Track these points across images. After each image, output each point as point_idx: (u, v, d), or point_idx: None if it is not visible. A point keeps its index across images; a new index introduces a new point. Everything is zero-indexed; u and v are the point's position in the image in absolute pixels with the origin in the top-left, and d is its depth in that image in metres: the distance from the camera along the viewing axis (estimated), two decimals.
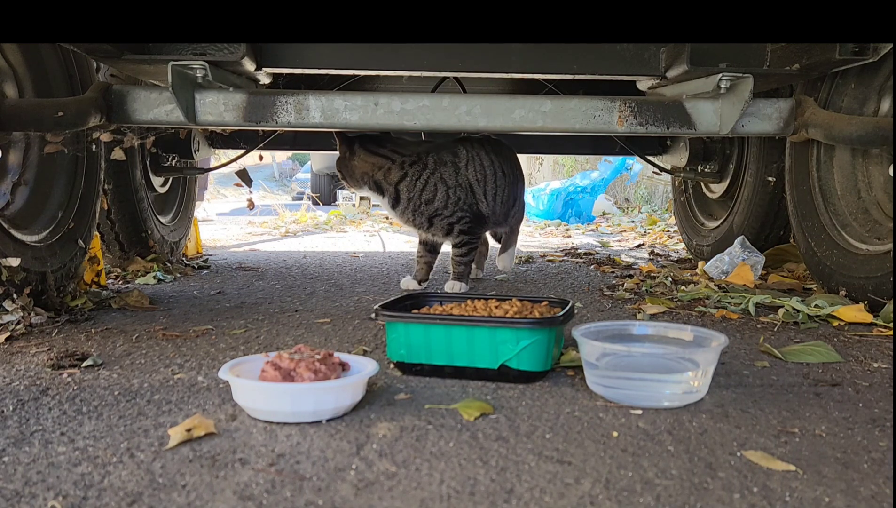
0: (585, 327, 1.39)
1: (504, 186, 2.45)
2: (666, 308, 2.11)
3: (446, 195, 2.31)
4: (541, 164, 10.60)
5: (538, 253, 3.85)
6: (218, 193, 11.86)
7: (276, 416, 1.13)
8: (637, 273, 2.90)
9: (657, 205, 7.41)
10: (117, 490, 0.89)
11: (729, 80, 2.03)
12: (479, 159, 2.37)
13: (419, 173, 2.31)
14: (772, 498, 0.88)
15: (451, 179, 2.31)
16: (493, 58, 2.18)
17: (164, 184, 3.25)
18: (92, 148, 2.28)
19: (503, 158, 2.48)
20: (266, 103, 2.07)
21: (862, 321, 1.90)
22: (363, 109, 2.08)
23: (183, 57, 1.91)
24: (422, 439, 1.07)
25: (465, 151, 2.37)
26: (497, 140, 2.56)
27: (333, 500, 0.87)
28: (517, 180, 2.57)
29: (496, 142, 2.53)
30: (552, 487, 0.91)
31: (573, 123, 2.10)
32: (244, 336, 1.77)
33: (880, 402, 1.26)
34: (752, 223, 2.93)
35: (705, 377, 1.26)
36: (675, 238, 4.61)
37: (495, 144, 2.50)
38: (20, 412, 1.19)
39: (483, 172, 2.37)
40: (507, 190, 2.47)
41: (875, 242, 2.08)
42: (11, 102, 1.90)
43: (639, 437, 1.08)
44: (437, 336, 1.37)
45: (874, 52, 1.90)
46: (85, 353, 1.55)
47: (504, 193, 2.46)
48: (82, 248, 2.20)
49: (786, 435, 1.09)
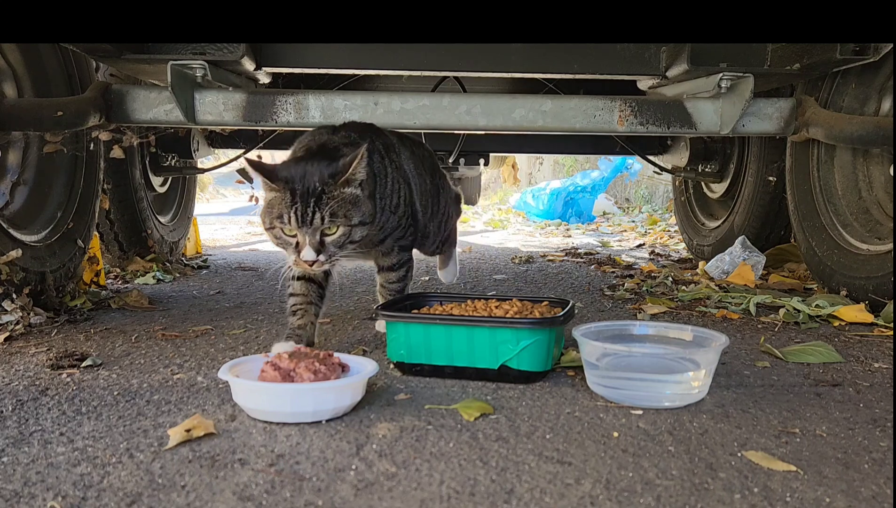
0: (586, 327, 1.39)
1: (429, 184, 1.86)
2: (666, 308, 2.11)
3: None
4: (541, 163, 10.60)
5: (538, 253, 3.85)
6: (217, 192, 11.85)
7: (275, 416, 1.13)
8: (637, 273, 2.90)
9: (658, 205, 7.40)
10: (117, 491, 0.89)
11: (729, 79, 2.03)
12: (401, 149, 1.77)
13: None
14: (772, 499, 0.87)
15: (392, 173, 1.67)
16: (494, 57, 2.17)
17: (163, 184, 3.25)
18: (91, 148, 2.28)
19: (414, 145, 1.88)
20: (266, 103, 2.06)
21: (863, 321, 1.89)
22: (363, 108, 2.07)
23: (182, 57, 1.91)
24: (422, 439, 1.07)
25: (390, 139, 1.75)
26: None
27: (333, 500, 0.87)
28: (435, 172, 1.94)
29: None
30: (552, 487, 0.91)
31: (573, 123, 2.10)
32: (244, 336, 1.77)
33: (881, 402, 1.26)
34: (753, 223, 2.93)
35: (706, 377, 1.26)
36: (675, 238, 4.61)
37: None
38: (19, 412, 1.18)
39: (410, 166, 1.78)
40: (431, 187, 1.88)
41: (876, 242, 2.08)
42: (11, 101, 1.90)
43: (639, 437, 1.08)
44: (438, 336, 1.37)
45: (875, 52, 1.90)
46: (84, 353, 1.55)
47: (431, 195, 1.87)
48: (81, 248, 2.20)
49: (786, 436, 1.09)
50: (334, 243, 1.42)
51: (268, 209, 1.43)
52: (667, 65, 2.16)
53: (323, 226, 1.38)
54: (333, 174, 1.40)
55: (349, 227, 1.42)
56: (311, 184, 1.38)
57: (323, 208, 1.38)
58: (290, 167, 1.44)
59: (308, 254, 1.38)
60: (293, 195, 1.38)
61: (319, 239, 1.39)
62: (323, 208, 1.38)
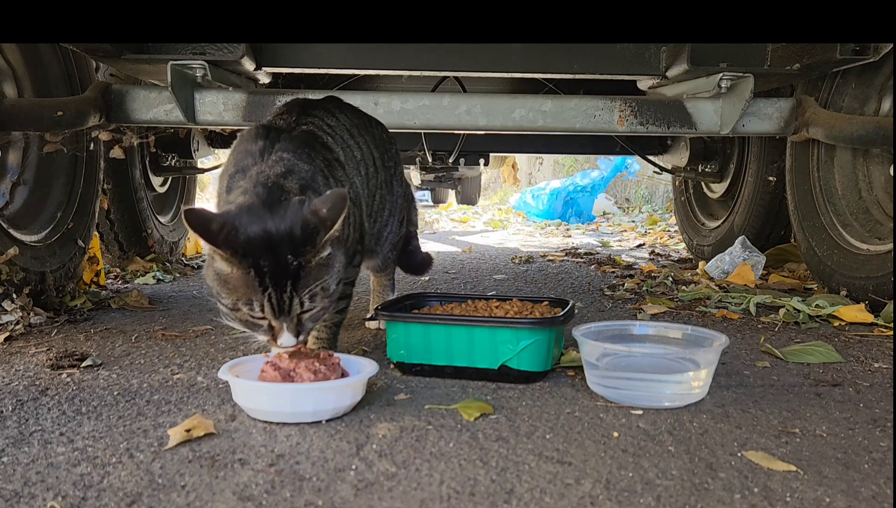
0: (586, 327, 1.39)
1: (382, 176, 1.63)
2: (666, 308, 2.11)
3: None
4: (541, 163, 10.61)
5: (538, 253, 3.85)
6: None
7: (275, 416, 1.13)
8: (637, 273, 2.90)
9: (658, 205, 7.40)
10: (117, 491, 0.89)
11: (729, 79, 2.03)
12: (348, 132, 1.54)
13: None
14: (772, 499, 0.87)
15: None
16: (494, 57, 2.17)
17: (163, 184, 3.25)
18: (91, 148, 2.28)
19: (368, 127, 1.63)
20: (266, 103, 2.06)
21: (863, 321, 1.89)
22: (362, 108, 2.07)
23: (182, 56, 1.91)
24: (422, 439, 1.07)
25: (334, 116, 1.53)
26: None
27: (333, 500, 0.87)
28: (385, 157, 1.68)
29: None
30: (552, 487, 0.91)
31: (573, 123, 2.10)
32: (244, 336, 1.75)
33: (881, 402, 1.26)
34: (753, 223, 2.93)
35: (706, 377, 1.26)
36: (675, 238, 4.61)
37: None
38: (19, 412, 1.18)
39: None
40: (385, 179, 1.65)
41: (876, 242, 2.08)
42: (10, 101, 1.90)
43: (639, 437, 1.08)
44: (437, 336, 1.37)
45: (875, 52, 1.90)
46: (84, 353, 1.54)
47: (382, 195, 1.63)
48: (81, 248, 2.20)
49: (786, 436, 1.09)
50: (312, 319, 1.16)
51: (224, 285, 1.12)
52: (667, 65, 2.16)
53: (302, 310, 1.13)
54: (307, 239, 1.10)
55: (328, 298, 1.16)
56: (282, 259, 1.08)
57: (301, 291, 1.10)
58: (244, 225, 1.10)
59: (287, 340, 1.13)
60: (261, 277, 1.08)
61: (297, 321, 1.13)
62: (301, 291, 1.10)
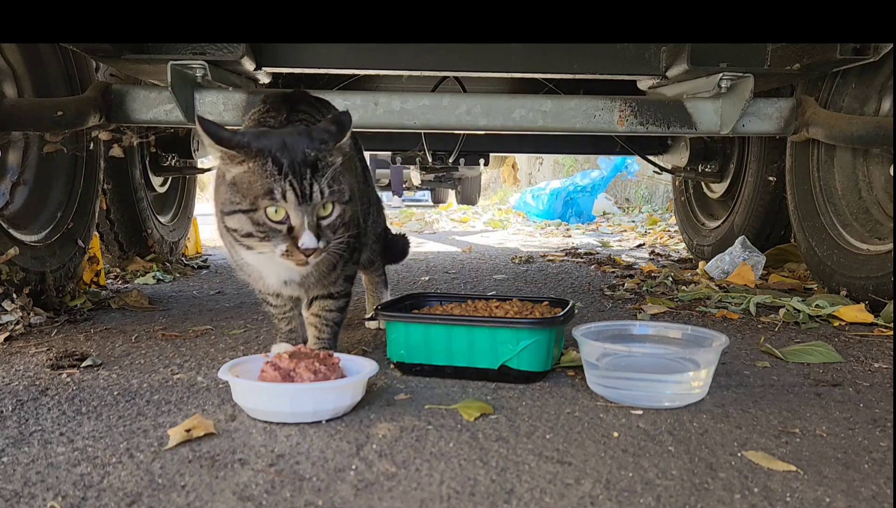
0: (586, 327, 1.39)
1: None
2: (666, 308, 2.11)
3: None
4: (541, 163, 10.61)
5: (538, 253, 3.85)
6: None
7: (275, 416, 1.13)
8: (637, 273, 2.90)
9: (658, 205, 7.41)
10: (117, 491, 0.89)
11: (729, 79, 2.03)
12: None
13: None
14: (772, 499, 0.87)
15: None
16: (494, 57, 2.17)
17: (163, 184, 3.25)
18: (91, 148, 2.28)
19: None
20: None
21: (863, 321, 1.89)
22: (363, 108, 2.07)
23: (182, 56, 1.91)
24: (422, 439, 1.07)
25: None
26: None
27: (333, 500, 0.87)
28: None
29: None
30: (552, 487, 0.91)
31: (573, 123, 2.10)
32: (244, 336, 1.77)
33: (881, 402, 1.26)
34: (753, 223, 2.93)
35: (706, 377, 1.26)
36: (675, 238, 4.61)
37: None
38: (19, 412, 1.18)
39: None
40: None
41: (876, 242, 2.08)
42: (11, 101, 1.90)
43: (639, 437, 1.08)
44: (437, 336, 1.37)
45: (875, 52, 1.90)
46: (84, 353, 1.54)
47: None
48: (81, 248, 2.20)
49: (786, 436, 1.09)
50: (330, 228, 1.14)
51: (238, 189, 1.12)
52: (667, 65, 2.16)
53: (323, 200, 1.12)
54: (325, 138, 1.14)
55: (343, 205, 1.16)
56: (301, 151, 1.11)
57: (320, 179, 1.11)
58: (256, 134, 1.15)
59: (309, 240, 1.10)
60: (279, 166, 1.10)
61: (317, 221, 1.12)
62: (320, 179, 1.11)
